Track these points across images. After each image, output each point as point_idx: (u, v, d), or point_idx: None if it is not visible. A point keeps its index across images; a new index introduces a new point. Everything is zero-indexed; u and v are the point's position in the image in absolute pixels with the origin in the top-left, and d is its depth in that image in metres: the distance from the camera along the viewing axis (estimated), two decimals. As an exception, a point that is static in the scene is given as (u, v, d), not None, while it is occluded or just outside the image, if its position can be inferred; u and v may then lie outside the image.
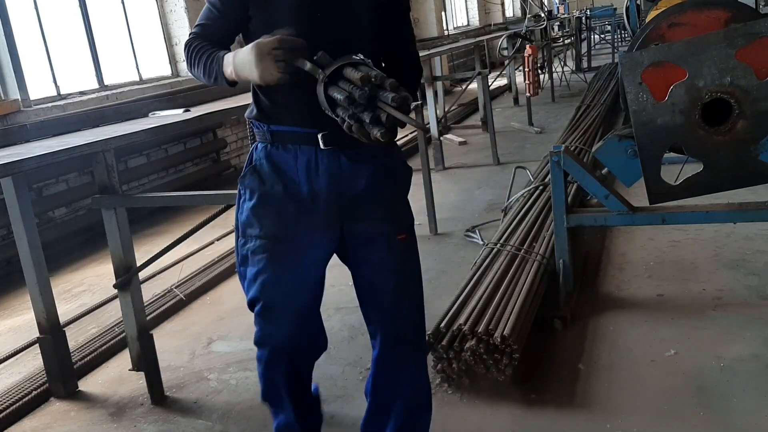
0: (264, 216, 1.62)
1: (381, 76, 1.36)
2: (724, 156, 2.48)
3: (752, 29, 2.35)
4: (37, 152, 2.40)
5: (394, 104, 1.34)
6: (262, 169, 1.64)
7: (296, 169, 1.61)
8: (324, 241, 1.66)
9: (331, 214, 1.63)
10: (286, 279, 1.62)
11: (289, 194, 1.61)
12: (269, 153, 1.64)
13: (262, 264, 1.62)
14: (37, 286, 2.56)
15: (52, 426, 2.50)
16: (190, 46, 1.62)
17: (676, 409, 2.13)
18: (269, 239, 1.62)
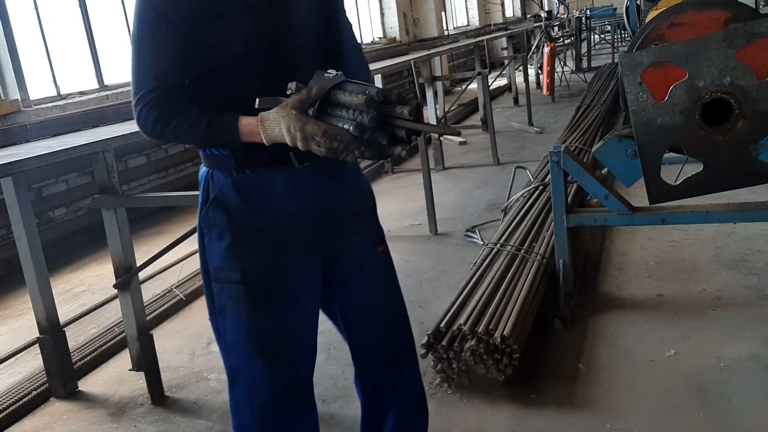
0: (243, 257, 1.39)
1: (380, 91, 1.25)
2: (724, 156, 2.48)
3: (752, 29, 2.34)
4: (37, 152, 2.41)
5: (412, 117, 1.24)
6: (228, 202, 1.40)
7: (271, 194, 1.40)
8: (315, 268, 1.48)
9: (315, 237, 1.46)
10: (285, 323, 1.43)
11: (267, 225, 1.40)
12: (235, 181, 1.40)
13: (253, 315, 1.40)
14: (37, 286, 2.56)
15: (52, 426, 2.50)
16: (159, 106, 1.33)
17: (675, 409, 2.13)
18: (252, 283, 1.40)
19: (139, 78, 1.34)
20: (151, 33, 1.32)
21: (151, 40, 1.33)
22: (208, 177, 1.44)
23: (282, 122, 1.27)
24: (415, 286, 3.35)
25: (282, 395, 1.46)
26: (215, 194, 1.41)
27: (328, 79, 1.30)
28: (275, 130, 1.28)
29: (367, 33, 11.08)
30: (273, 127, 1.28)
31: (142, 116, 1.34)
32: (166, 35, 1.32)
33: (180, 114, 1.34)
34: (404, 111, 1.24)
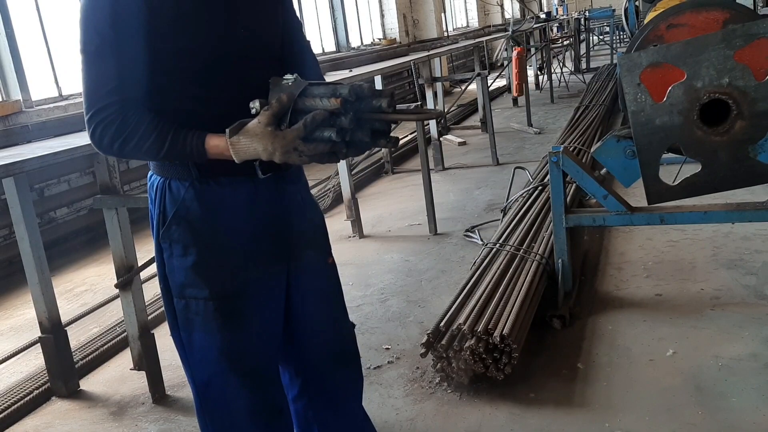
0: (209, 273, 1.34)
1: (351, 89, 1.19)
2: (723, 156, 2.50)
3: (750, 30, 2.36)
4: (39, 153, 2.42)
5: (391, 109, 1.20)
6: (191, 215, 1.32)
7: (236, 206, 1.34)
8: (280, 282, 1.44)
9: (279, 250, 1.42)
10: (251, 340, 1.39)
11: (232, 238, 1.34)
12: (198, 192, 1.33)
13: (224, 333, 1.35)
14: (38, 286, 2.57)
15: (53, 425, 2.51)
16: (116, 122, 1.24)
17: (674, 408, 2.14)
18: (222, 300, 1.34)
19: (93, 93, 1.24)
20: (103, 44, 1.23)
21: (105, 51, 1.23)
22: (165, 187, 1.35)
23: (258, 142, 1.21)
24: (414, 286, 3.36)
25: (260, 414, 1.43)
26: (177, 208, 1.33)
27: (288, 86, 1.24)
28: (249, 151, 1.23)
29: (367, 34, 11.10)
30: (247, 148, 1.22)
31: (96, 134, 1.25)
32: (121, 47, 1.23)
33: (139, 132, 1.25)
34: (381, 103, 1.20)
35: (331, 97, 1.19)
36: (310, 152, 1.21)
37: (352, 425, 1.64)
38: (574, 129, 5.74)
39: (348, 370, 1.61)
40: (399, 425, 2.22)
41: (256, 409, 1.43)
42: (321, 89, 1.22)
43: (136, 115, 1.25)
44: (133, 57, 1.24)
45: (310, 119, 1.19)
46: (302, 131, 1.19)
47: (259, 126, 1.21)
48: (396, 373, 2.53)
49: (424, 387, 2.41)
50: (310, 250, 1.50)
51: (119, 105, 1.24)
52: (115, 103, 1.24)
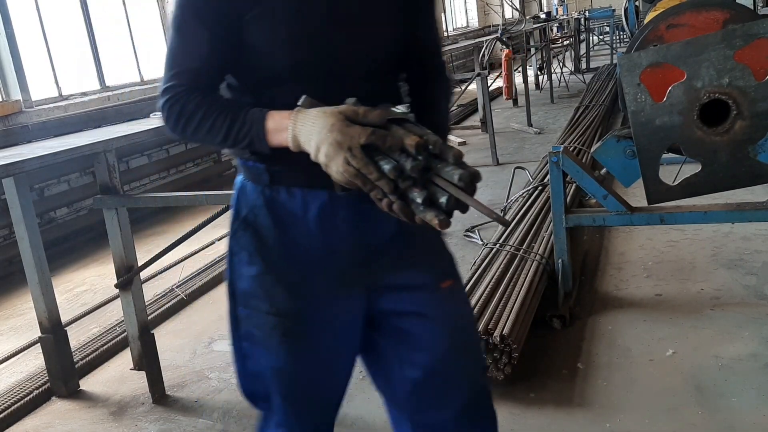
0: (272, 287, 1.23)
1: (439, 142, 1.03)
2: (723, 156, 2.50)
3: (750, 30, 2.36)
4: (39, 153, 2.42)
5: (461, 184, 1.00)
6: (259, 223, 1.22)
7: (306, 221, 1.20)
8: (352, 307, 1.27)
9: (357, 272, 1.24)
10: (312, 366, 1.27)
11: (299, 255, 1.22)
12: (268, 200, 1.22)
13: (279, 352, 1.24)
14: (38, 286, 2.57)
15: (53, 425, 2.51)
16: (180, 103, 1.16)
17: (674, 408, 2.14)
18: (283, 317, 1.23)
19: (168, 69, 1.18)
20: (186, 25, 1.16)
21: (186, 33, 1.16)
22: (241, 189, 1.26)
23: (322, 118, 1.06)
24: (415, 286, 3.36)
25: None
26: (246, 213, 1.24)
27: (394, 112, 1.10)
28: (306, 126, 1.07)
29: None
30: (306, 122, 1.08)
31: (165, 111, 1.19)
32: (202, 33, 1.15)
33: (203, 110, 1.15)
34: (455, 174, 1.00)
35: (413, 135, 1.03)
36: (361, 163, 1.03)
37: None
38: (574, 129, 5.74)
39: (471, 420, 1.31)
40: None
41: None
42: (415, 128, 1.07)
43: (199, 97, 1.16)
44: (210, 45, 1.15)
45: (380, 133, 1.04)
46: (365, 134, 1.03)
47: (333, 108, 1.07)
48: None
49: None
50: (411, 272, 1.27)
51: (184, 88, 1.16)
52: (180, 86, 1.16)
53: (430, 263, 1.29)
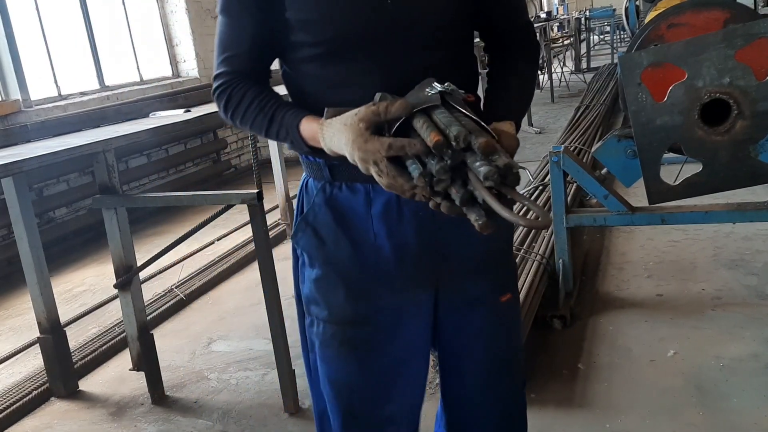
0: (331, 292, 1.15)
1: (462, 133, 0.89)
2: (723, 156, 2.49)
3: (751, 30, 2.35)
4: (38, 152, 2.41)
5: (490, 182, 0.86)
6: (319, 221, 1.15)
7: (370, 218, 1.12)
8: (421, 311, 1.19)
9: (424, 275, 1.16)
10: (375, 377, 1.18)
11: (362, 256, 1.13)
12: (329, 196, 1.14)
13: (338, 362, 1.17)
14: (37, 286, 2.57)
15: (52, 425, 2.50)
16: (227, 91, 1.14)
17: (675, 408, 2.14)
18: (341, 325, 1.15)
19: (216, 56, 1.16)
20: (229, 9, 1.13)
21: (230, 17, 1.13)
22: (304, 186, 1.20)
23: (343, 133, 0.99)
24: (415, 286, 3.35)
25: None
26: (306, 211, 1.17)
27: (427, 95, 0.99)
28: (334, 141, 1.01)
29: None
30: (333, 136, 1.01)
31: (215, 99, 1.17)
32: (245, 16, 1.11)
33: (246, 104, 1.12)
34: (482, 170, 0.86)
35: (434, 131, 0.91)
36: (390, 177, 0.95)
37: None
38: (575, 129, 5.73)
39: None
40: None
41: None
42: (443, 117, 0.95)
43: (244, 89, 1.13)
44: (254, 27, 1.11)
45: (398, 144, 0.95)
46: (384, 149, 0.95)
47: (353, 117, 0.99)
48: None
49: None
50: (471, 281, 1.19)
51: (232, 75, 1.14)
52: (229, 73, 1.14)
53: (494, 273, 1.22)
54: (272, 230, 4.26)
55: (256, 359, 2.81)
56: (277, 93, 1.15)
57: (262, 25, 1.11)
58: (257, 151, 2.96)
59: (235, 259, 3.95)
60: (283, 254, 4.03)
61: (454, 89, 1.00)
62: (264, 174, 3.73)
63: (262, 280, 2.29)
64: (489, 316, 1.22)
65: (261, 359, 2.79)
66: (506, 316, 1.25)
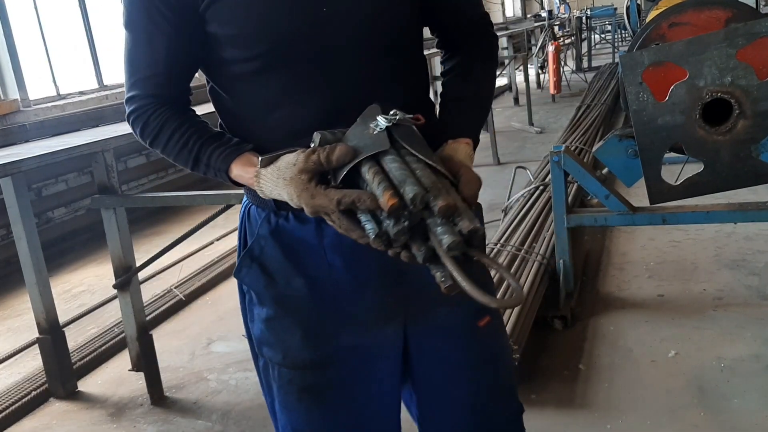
0: (285, 334, 1.03)
1: (421, 195, 0.80)
2: (725, 156, 2.48)
3: (753, 29, 2.34)
4: (37, 152, 2.41)
5: (454, 253, 0.79)
6: (266, 256, 1.03)
7: (323, 250, 1.00)
8: (385, 351, 1.07)
9: (389, 308, 1.04)
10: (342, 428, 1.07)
11: (317, 292, 1.01)
12: (275, 227, 1.02)
13: (299, 411, 1.05)
14: (36, 287, 2.56)
15: (51, 426, 2.50)
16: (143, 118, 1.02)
17: (676, 409, 2.13)
18: (299, 369, 1.03)
19: (126, 78, 1.03)
20: (138, 24, 0.99)
21: (137, 33, 0.99)
22: (245, 214, 1.08)
23: (283, 187, 0.90)
24: (415, 286, 3.34)
25: None
26: (251, 245, 1.05)
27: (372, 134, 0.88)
28: (274, 193, 0.93)
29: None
30: (273, 189, 0.93)
31: (130, 124, 1.05)
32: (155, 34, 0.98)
33: (167, 139, 1.01)
34: (445, 240, 0.79)
35: (388, 191, 0.81)
36: (344, 229, 0.87)
37: None
38: (576, 128, 5.72)
39: None
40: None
41: None
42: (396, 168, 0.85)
43: (161, 117, 1.01)
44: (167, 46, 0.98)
45: (347, 200, 0.85)
46: (333, 205, 0.86)
47: (292, 169, 0.89)
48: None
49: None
50: (443, 309, 1.06)
51: (146, 100, 1.01)
52: (141, 97, 1.01)
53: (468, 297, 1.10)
54: (272, 230, 4.25)
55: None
56: (199, 120, 1.04)
57: (177, 43, 0.98)
58: (257, 151, 2.95)
59: (235, 259, 3.94)
60: (283, 254, 4.03)
61: (402, 118, 0.89)
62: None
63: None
64: (468, 345, 1.10)
65: (260, 360, 2.78)
66: (488, 341, 1.12)
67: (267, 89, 0.99)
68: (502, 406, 1.16)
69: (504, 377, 1.17)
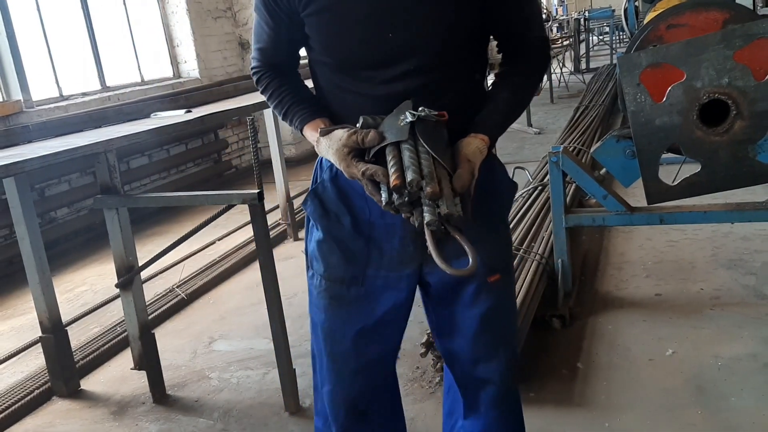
0: (329, 254, 1.35)
1: (417, 181, 1.07)
2: (722, 156, 2.50)
3: (750, 30, 2.36)
4: (40, 153, 2.42)
5: (432, 228, 1.05)
6: (326, 195, 1.35)
7: (366, 199, 1.28)
8: (401, 284, 1.36)
9: (408, 253, 1.32)
10: (353, 332, 1.38)
11: (357, 229, 1.33)
12: (334, 176, 1.33)
13: (328, 312, 1.38)
14: (39, 286, 2.58)
15: (54, 424, 2.51)
16: (256, 77, 1.40)
17: (674, 408, 2.15)
18: (334, 282, 1.36)
19: (253, 42, 1.39)
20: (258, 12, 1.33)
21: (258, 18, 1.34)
22: (318, 162, 1.39)
23: (331, 153, 1.22)
24: (415, 286, 3.36)
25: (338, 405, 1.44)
26: (316, 185, 1.37)
27: (400, 125, 1.14)
28: (326, 155, 1.26)
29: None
30: (325, 152, 1.25)
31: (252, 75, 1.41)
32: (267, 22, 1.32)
33: (270, 93, 1.37)
34: (426, 217, 1.06)
35: (396, 171, 1.09)
36: (368, 191, 1.17)
37: None
38: (574, 129, 5.74)
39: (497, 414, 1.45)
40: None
41: (335, 399, 1.44)
42: (407, 153, 1.11)
43: (269, 78, 1.37)
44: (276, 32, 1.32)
45: (369, 172, 1.15)
46: (359, 175, 1.18)
47: (338, 142, 1.20)
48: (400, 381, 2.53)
49: (424, 387, 2.42)
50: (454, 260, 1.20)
51: (261, 62, 1.37)
52: (258, 60, 1.38)
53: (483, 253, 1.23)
54: (273, 230, 4.27)
55: (256, 358, 2.82)
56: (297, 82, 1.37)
57: (282, 29, 1.31)
58: (258, 152, 2.97)
59: (236, 259, 3.96)
60: (284, 254, 4.05)
61: (427, 114, 1.15)
62: (265, 174, 3.74)
63: (262, 279, 2.30)
64: (478, 291, 1.35)
65: (262, 358, 2.80)
66: (496, 293, 1.37)
67: (340, 80, 1.29)
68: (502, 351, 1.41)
69: (512, 329, 1.46)
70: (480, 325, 1.37)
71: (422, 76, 1.23)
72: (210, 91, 5.14)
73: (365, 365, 1.42)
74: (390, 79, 1.23)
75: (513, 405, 1.50)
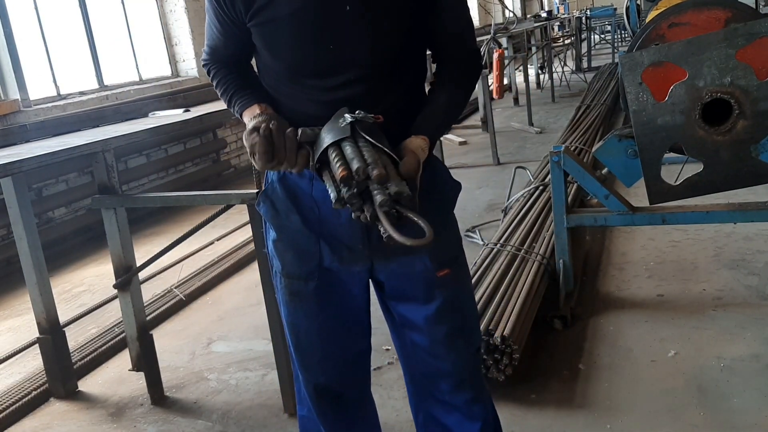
0: (284, 252, 1.41)
1: (362, 168, 1.09)
2: (724, 156, 2.48)
3: (752, 29, 2.34)
4: (37, 152, 2.41)
5: (385, 209, 1.07)
6: (275, 195, 1.40)
7: (313, 198, 1.35)
8: (354, 279, 1.42)
9: (357, 250, 1.36)
10: (314, 324, 1.44)
11: (307, 227, 1.37)
12: (282, 176, 1.38)
13: (290, 307, 1.45)
14: (36, 287, 2.56)
15: (51, 426, 2.50)
16: (206, 69, 1.46)
17: (676, 408, 2.13)
18: (291, 278, 1.42)
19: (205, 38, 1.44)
20: (208, 13, 1.36)
21: (209, 18, 1.37)
22: None
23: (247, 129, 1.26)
24: (415, 286, 3.34)
25: (315, 392, 1.52)
26: (267, 187, 1.42)
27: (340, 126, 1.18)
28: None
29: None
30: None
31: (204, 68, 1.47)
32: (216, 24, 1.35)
33: (217, 82, 1.42)
34: (377, 198, 1.07)
35: (341, 167, 1.11)
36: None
37: None
38: (576, 128, 5.72)
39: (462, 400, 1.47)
40: (399, 426, 2.21)
41: (308, 388, 1.52)
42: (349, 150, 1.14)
43: (216, 68, 1.42)
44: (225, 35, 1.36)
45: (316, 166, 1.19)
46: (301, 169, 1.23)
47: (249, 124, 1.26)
48: (396, 374, 2.52)
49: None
50: (405, 260, 1.37)
51: (210, 57, 1.43)
52: (208, 55, 1.44)
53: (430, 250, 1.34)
54: (272, 230, 4.25)
55: (255, 360, 2.81)
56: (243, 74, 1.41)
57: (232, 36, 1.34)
58: (257, 151, 2.95)
59: (235, 260, 3.95)
60: (283, 254, 4.03)
61: (364, 116, 1.19)
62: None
63: (261, 280, 2.28)
64: (430, 287, 1.39)
65: (261, 360, 2.79)
66: (450, 287, 1.41)
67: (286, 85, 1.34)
68: (465, 344, 1.45)
69: (469, 320, 1.48)
70: (435, 318, 1.40)
71: (363, 85, 1.28)
72: (208, 90, 5.12)
73: (330, 355, 1.48)
74: (334, 87, 1.28)
75: (478, 394, 1.49)
